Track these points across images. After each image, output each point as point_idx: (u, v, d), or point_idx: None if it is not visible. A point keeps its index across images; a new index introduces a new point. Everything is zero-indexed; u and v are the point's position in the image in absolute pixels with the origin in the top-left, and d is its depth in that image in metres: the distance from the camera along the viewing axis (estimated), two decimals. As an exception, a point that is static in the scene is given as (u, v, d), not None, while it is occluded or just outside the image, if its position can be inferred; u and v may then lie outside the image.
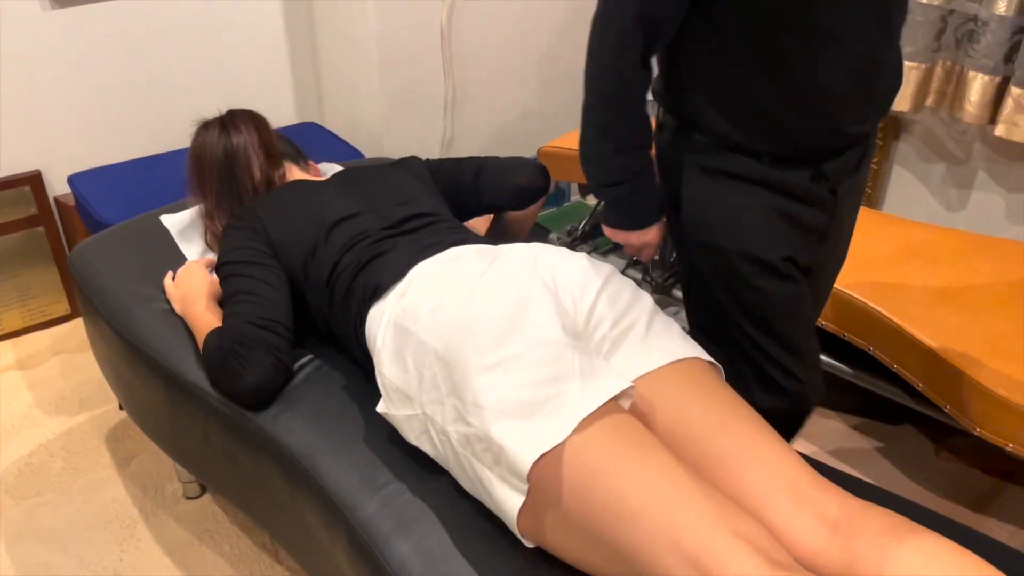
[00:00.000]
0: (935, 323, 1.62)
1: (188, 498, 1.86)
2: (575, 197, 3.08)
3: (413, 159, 1.63)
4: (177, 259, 1.63)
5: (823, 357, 1.87)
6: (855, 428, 2.05)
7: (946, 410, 1.57)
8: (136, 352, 1.45)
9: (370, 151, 2.44)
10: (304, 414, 1.28)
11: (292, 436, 1.24)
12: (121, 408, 2.11)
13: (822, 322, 1.77)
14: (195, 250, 1.66)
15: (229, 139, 1.51)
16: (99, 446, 2.00)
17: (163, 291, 1.53)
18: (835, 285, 1.73)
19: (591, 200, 2.99)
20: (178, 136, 2.34)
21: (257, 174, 1.52)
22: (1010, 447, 1.49)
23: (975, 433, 1.53)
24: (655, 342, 1.18)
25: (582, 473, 0.97)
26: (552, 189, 2.94)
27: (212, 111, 1.60)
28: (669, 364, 1.15)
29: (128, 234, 1.75)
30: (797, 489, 1.03)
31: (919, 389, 1.62)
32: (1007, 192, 2.10)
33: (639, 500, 0.95)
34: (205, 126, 1.55)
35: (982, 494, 1.06)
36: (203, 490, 1.88)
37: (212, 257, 1.54)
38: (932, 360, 1.57)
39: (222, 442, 1.36)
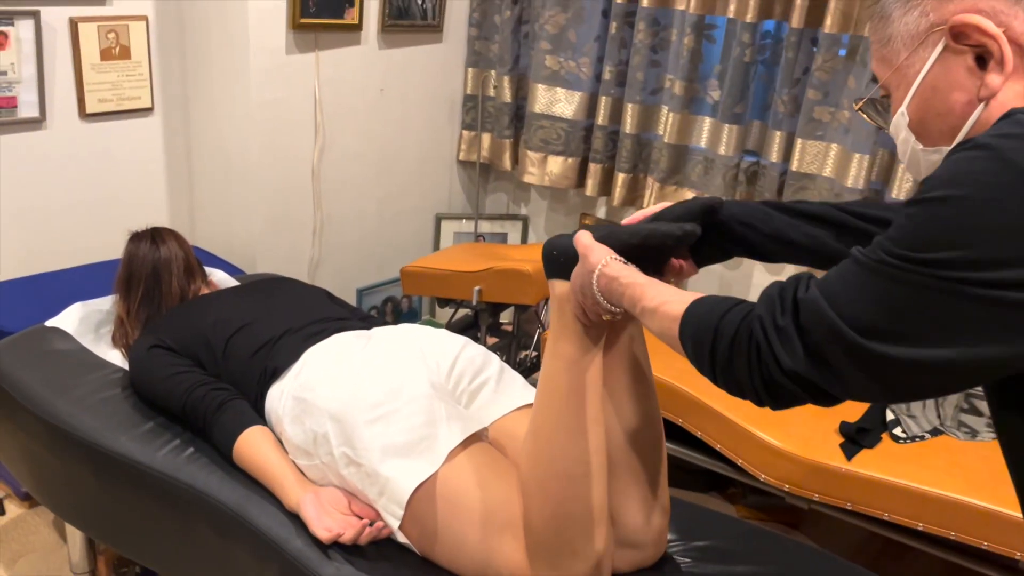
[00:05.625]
0: (726, 396, 2.07)
1: (79, 589, 1.96)
2: (425, 316, 3.43)
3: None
4: (81, 356, 1.82)
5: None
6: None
7: (738, 463, 2.00)
8: (63, 435, 1.62)
9: (245, 271, 2.69)
10: (226, 471, 1.51)
11: (222, 491, 1.47)
12: (2, 512, 2.17)
13: (642, 402, 2.19)
14: (113, 353, 1.85)
15: (157, 250, 1.77)
16: (-18, 548, 2.06)
17: (80, 383, 1.71)
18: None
19: (443, 315, 3.35)
20: (57, 257, 2.50)
21: (176, 287, 1.78)
22: (786, 487, 1.93)
23: (760, 480, 1.96)
24: (505, 392, 1.55)
25: (452, 491, 1.30)
26: (407, 307, 3.30)
27: (89, 233, 1.80)
28: (516, 409, 1.52)
29: (28, 340, 1.91)
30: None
31: (717, 449, 2.05)
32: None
33: (493, 508, 1.29)
34: (137, 237, 1.80)
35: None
36: (94, 581, 1.98)
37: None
38: (726, 425, 2.01)
39: (150, 506, 1.55)
